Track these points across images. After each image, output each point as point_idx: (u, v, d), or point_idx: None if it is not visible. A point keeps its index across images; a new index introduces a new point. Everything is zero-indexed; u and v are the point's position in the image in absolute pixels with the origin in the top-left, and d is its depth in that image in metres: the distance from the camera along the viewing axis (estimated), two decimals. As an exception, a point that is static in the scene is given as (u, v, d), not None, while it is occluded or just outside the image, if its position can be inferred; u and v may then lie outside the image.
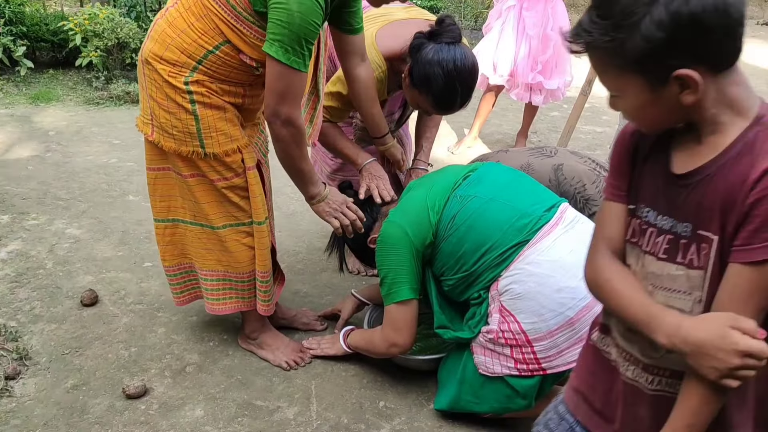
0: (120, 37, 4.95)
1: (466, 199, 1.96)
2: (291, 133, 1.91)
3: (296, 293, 2.78)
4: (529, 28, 3.90)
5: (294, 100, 1.85)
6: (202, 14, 1.84)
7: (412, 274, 1.98)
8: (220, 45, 1.86)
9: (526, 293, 1.84)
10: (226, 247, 2.14)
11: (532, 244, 1.87)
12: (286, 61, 1.77)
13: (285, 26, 1.73)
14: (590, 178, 2.29)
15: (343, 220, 2.14)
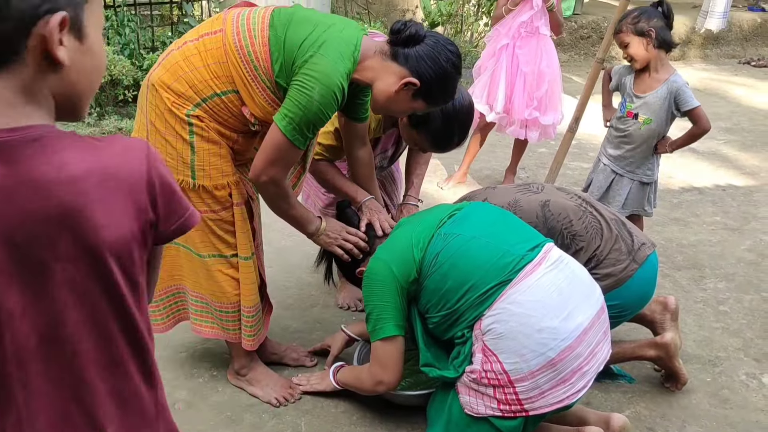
0: (113, 74, 5.00)
1: (449, 237, 1.98)
2: (275, 192, 1.99)
3: (286, 329, 2.78)
4: (523, 65, 3.99)
5: (283, 168, 1.94)
6: (222, 60, 1.90)
7: (397, 310, 1.99)
8: (228, 92, 1.91)
9: (508, 333, 1.85)
10: (212, 276, 2.15)
11: (515, 284, 1.88)
12: (290, 137, 1.85)
13: (301, 109, 1.81)
14: (576, 213, 2.32)
15: (345, 245, 2.19)
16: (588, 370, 1.89)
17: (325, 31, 1.86)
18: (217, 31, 1.93)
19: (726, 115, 6.54)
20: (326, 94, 1.82)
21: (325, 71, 1.81)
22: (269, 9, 1.97)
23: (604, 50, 4.17)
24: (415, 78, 1.90)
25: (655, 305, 2.52)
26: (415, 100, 1.97)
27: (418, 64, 1.89)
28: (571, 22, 8.40)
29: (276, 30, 1.88)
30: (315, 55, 1.82)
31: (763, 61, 9.15)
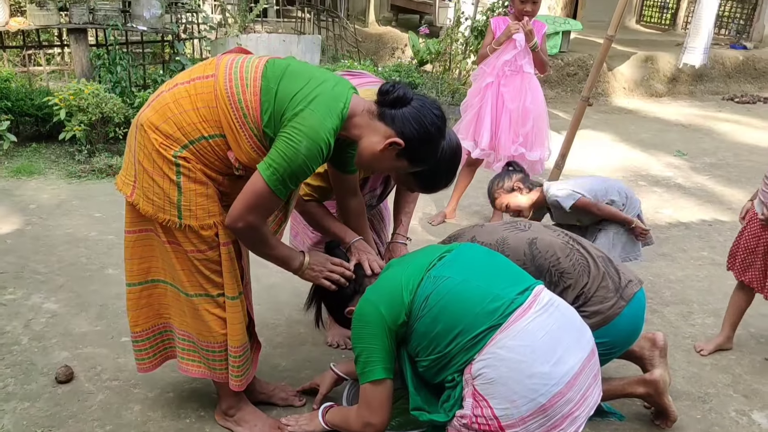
0: (104, 111, 5.03)
1: (439, 279, 1.98)
2: (253, 237, 2.01)
3: (275, 367, 2.76)
4: (508, 102, 4.05)
5: (261, 215, 1.96)
6: (211, 105, 1.93)
7: (386, 353, 1.98)
8: (215, 136, 1.94)
9: (498, 378, 1.84)
10: (198, 315, 2.15)
11: (505, 328, 1.88)
12: (272, 186, 1.88)
13: (287, 161, 1.85)
14: (564, 251, 2.34)
15: (331, 277, 2.19)
16: (579, 415, 1.88)
17: (317, 86, 1.91)
18: (209, 75, 1.96)
19: (711, 151, 6.64)
20: (312, 149, 1.85)
21: (313, 126, 1.85)
22: (263, 59, 2.00)
23: (589, 88, 4.26)
24: (400, 138, 1.95)
25: (643, 342, 2.53)
26: (399, 160, 2.01)
27: (404, 125, 1.95)
28: (557, 60, 8.55)
29: (269, 81, 1.92)
30: (305, 109, 1.86)
31: (746, 98, 9.32)
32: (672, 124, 7.75)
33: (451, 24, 7.54)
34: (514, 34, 3.89)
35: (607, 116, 7.95)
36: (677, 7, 12.21)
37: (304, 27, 9.04)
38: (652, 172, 5.82)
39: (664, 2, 12.93)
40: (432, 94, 7.03)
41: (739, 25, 11.12)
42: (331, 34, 9.10)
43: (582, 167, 5.75)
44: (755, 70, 10.08)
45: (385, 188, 2.78)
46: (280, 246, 2.13)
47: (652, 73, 9.30)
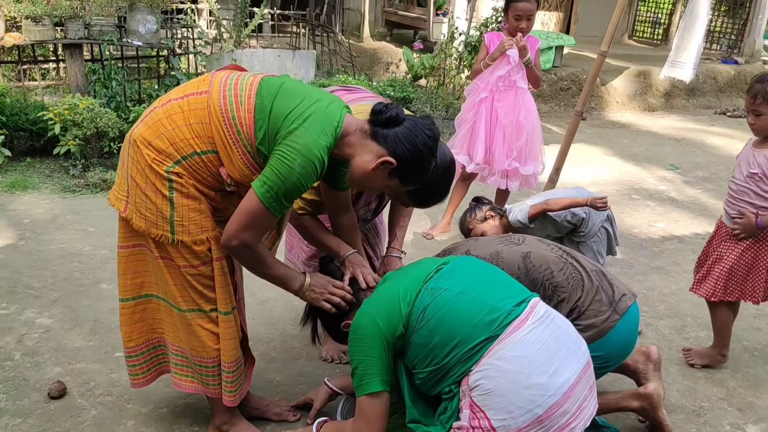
0: (99, 126, 5.04)
1: (436, 291, 1.99)
2: (248, 255, 2.02)
3: (269, 382, 2.75)
4: (502, 117, 4.08)
5: (256, 233, 1.96)
6: (204, 121, 1.94)
7: (383, 365, 1.98)
8: (208, 152, 1.95)
9: (496, 389, 1.85)
10: (191, 330, 2.14)
11: (502, 339, 1.89)
12: (266, 204, 1.89)
13: (281, 179, 1.86)
14: (558, 265, 2.35)
15: (332, 299, 2.19)
16: (575, 427, 1.88)
17: (311, 105, 1.92)
18: (203, 92, 1.97)
19: (704, 165, 6.68)
20: (307, 166, 1.87)
21: (307, 144, 1.86)
22: (258, 77, 2.02)
23: (582, 103, 4.29)
24: (391, 158, 1.97)
25: (637, 355, 2.53)
26: (390, 179, 2.03)
27: (396, 144, 1.97)
28: (551, 75, 8.61)
29: (263, 99, 1.93)
30: (299, 127, 1.88)
31: (738, 112, 9.39)
32: (665, 138, 7.80)
33: (445, 39, 7.59)
34: (507, 49, 3.92)
35: (601, 130, 8.00)
36: (669, 22, 12.32)
37: (299, 42, 9.09)
38: (645, 186, 5.85)
39: (656, 18, 13.05)
40: (426, 108, 7.07)
41: (730, 40, 11.22)
42: (325, 49, 9.15)
43: (576, 181, 5.77)
44: (746, 85, 10.11)
45: (380, 202, 2.79)
46: (279, 266, 2.13)
47: (645, 88, 9.37)
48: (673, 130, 8.24)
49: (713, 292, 2.90)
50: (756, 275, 2.84)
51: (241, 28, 7.98)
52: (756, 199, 2.76)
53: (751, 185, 2.77)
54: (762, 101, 2.72)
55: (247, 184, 1.96)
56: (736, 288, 2.88)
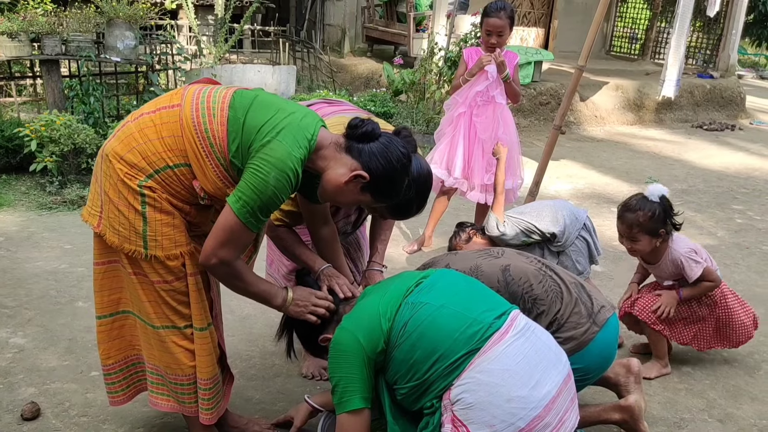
0: (77, 142, 4.99)
1: (417, 306, 1.98)
2: (227, 272, 1.99)
3: (248, 400, 2.71)
4: (480, 132, 4.09)
5: (234, 249, 1.94)
6: (177, 134, 1.92)
7: (363, 382, 1.96)
8: (180, 165, 1.93)
9: (477, 403, 1.83)
10: (166, 347, 2.11)
11: (483, 352, 1.88)
12: (243, 220, 1.87)
13: (256, 193, 1.85)
14: (537, 277, 2.35)
15: (317, 311, 2.17)
16: None
17: (284, 117, 1.91)
18: (174, 105, 1.96)
19: (682, 177, 6.76)
20: (281, 179, 1.85)
21: (281, 157, 1.85)
22: (231, 89, 2.01)
23: (561, 117, 4.33)
24: (365, 172, 1.96)
25: (618, 368, 2.53)
26: (363, 194, 2.02)
27: (370, 159, 1.97)
28: (530, 89, 8.68)
29: (236, 111, 1.92)
30: (273, 140, 1.86)
31: (714, 125, 9.53)
32: (643, 152, 7.88)
33: (424, 55, 7.64)
34: (485, 65, 3.94)
35: (580, 144, 8.07)
36: (645, 37, 12.51)
37: (280, 58, 9.09)
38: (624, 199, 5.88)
39: (632, 33, 13.24)
40: (407, 123, 7.09)
41: (705, 55, 11.41)
42: (306, 64, 9.17)
43: (555, 195, 5.81)
44: (722, 99, 10.33)
45: (359, 215, 2.78)
46: (259, 282, 2.11)
47: (623, 102, 9.48)
48: (651, 144, 8.34)
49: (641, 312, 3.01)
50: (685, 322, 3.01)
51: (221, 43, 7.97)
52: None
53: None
54: (638, 230, 2.88)
55: (221, 197, 1.94)
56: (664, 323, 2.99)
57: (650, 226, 2.85)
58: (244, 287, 2.06)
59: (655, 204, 2.86)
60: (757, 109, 11.19)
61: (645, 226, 2.86)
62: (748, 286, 4.11)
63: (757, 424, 2.73)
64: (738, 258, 4.59)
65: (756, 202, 6.06)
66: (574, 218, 3.26)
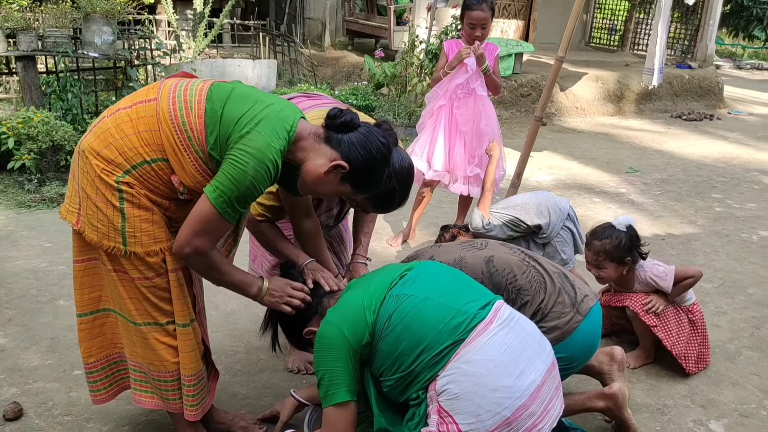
0: (55, 139, 4.93)
1: (401, 298, 1.98)
2: (202, 262, 1.97)
3: (234, 396, 2.71)
4: (462, 125, 4.09)
5: (209, 240, 1.92)
6: (153, 128, 1.90)
7: (349, 375, 1.96)
8: (158, 160, 1.91)
9: (463, 393, 1.84)
10: (148, 344, 2.09)
11: (468, 343, 1.89)
12: (220, 210, 1.86)
13: (234, 183, 1.83)
14: (520, 268, 2.36)
15: (292, 302, 2.16)
16: (542, 428, 1.89)
17: (263, 109, 1.90)
18: (151, 99, 1.94)
19: (662, 167, 6.82)
20: (260, 170, 1.84)
21: (260, 148, 1.83)
22: (208, 82, 1.99)
23: (542, 108, 4.35)
24: (344, 162, 1.95)
25: (602, 356, 2.56)
26: (342, 184, 2.00)
27: (350, 149, 1.96)
28: (510, 81, 8.71)
29: (214, 103, 1.90)
30: (251, 131, 1.85)
31: (693, 115, 9.62)
32: (624, 142, 7.94)
33: (405, 48, 7.63)
34: (465, 58, 3.94)
35: (561, 135, 8.12)
36: (625, 29, 12.59)
37: (260, 52, 9.04)
38: (606, 189, 5.94)
39: (612, 25, 13.33)
40: (389, 116, 7.08)
41: (684, 45, 11.51)
42: (287, 58, 9.12)
43: (537, 186, 5.84)
44: (700, 89, 10.43)
45: (341, 208, 2.77)
46: (235, 272, 2.10)
47: (603, 93, 9.54)
48: (631, 134, 8.40)
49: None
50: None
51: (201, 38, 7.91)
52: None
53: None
54: (604, 258, 2.96)
55: (201, 191, 1.92)
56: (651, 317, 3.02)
57: (616, 254, 2.94)
58: (219, 277, 2.04)
59: (621, 233, 2.96)
60: (735, 99, 11.32)
61: (611, 253, 2.95)
62: (728, 273, 4.16)
63: (738, 408, 2.77)
64: (717, 246, 4.65)
65: (735, 190, 6.13)
66: (558, 209, 3.28)
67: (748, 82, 14.08)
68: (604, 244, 2.95)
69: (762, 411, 2.76)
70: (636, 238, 2.99)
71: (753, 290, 3.94)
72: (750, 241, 4.80)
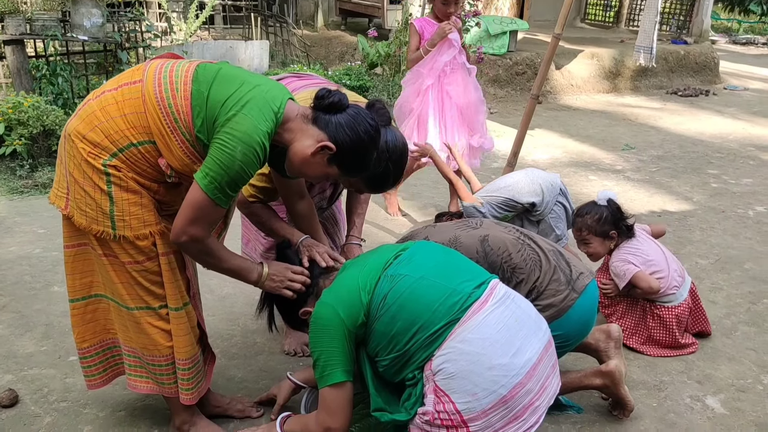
0: (46, 124, 4.89)
1: (396, 278, 1.97)
2: (199, 249, 1.95)
3: (230, 379, 2.70)
4: (456, 98, 4.12)
5: (204, 227, 1.90)
6: (139, 110, 1.87)
7: (345, 355, 1.96)
8: (144, 142, 1.88)
9: (459, 372, 1.83)
10: (142, 329, 2.08)
11: (463, 322, 1.88)
12: (211, 196, 1.83)
13: (223, 168, 1.80)
14: (515, 246, 2.35)
15: (293, 286, 2.14)
16: (539, 405, 1.89)
17: (249, 90, 1.86)
18: (136, 81, 1.90)
19: (658, 143, 6.80)
20: (248, 153, 1.81)
21: (247, 131, 1.80)
22: (194, 63, 1.95)
23: (538, 86, 4.31)
24: (332, 143, 1.91)
25: (598, 334, 2.55)
26: (329, 166, 1.97)
27: (337, 130, 1.92)
28: (506, 60, 8.65)
29: (200, 85, 1.87)
30: (238, 114, 1.81)
31: (689, 91, 9.58)
32: (619, 119, 7.91)
33: (399, 26, 7.55)
34: (449, 34, 3.95)
35: (557, 113, 8.08)
36: (620, 5, 12.49)
37: (252, 33, 8.95)
38: (601, 167, 5.92)
39: (607, 1, 13.23)
40: (383, 96, 7.03)
41: (679, 20, 11.43)
42: (279, 39, 9.03)
43: (533, 164, 5.82)
44: (696, 64, 10.38)
45: (335, 190, 2.75)
46: (233, 258, 2.07)
47: (599, 70, 9.49)
48: (626, 111, 8.37)
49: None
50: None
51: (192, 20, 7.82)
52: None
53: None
54: (588, 232, 3.04)
55: (189, 174, 1.90)
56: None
57: (599, 228, 3.02)
58: (218, 264, 2.03)
59: (603, 207, 3.04)
60: (731, 74, 11.27)
61: (594, 228, 3.02)
62: (724, 249, 4.16)
63: (735, 383, 2.77)
64: (714, 222, 4.64)
65: (731, 166, 6.12)
66: (550, 185, 3.27)
67: (743, 57, 14.02)
68: (586, 220, 3.03)
69: (758, 385, 2.76)
70: (618, 211, 3.04)
71: (749, 265, 3.93)
72: (746, 216, 4.79)
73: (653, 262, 2.97)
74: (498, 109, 8.03)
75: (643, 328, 3.00)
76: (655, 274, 2.93)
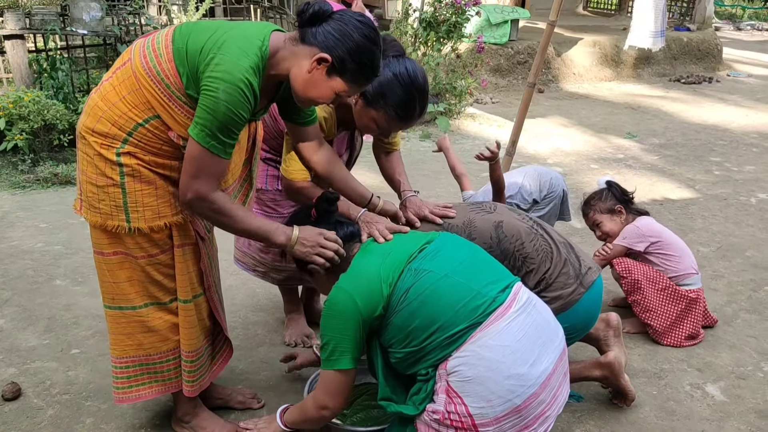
0: (47, 118, 4.89)
1: (420, 273, 1.93)
2: (207, 207, 1.89)
3: (232, 371, 2.71)
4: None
5: (207, 180, 1.84)
6: (135, 88, 1.86)
7: (355, 343, 1.93)
8: (150, 119, 1.87)
9: (476, 377, 1.82)
10: (149, 327, 2.08)
11: (485, 327, 1.85)
12: (205, 145, 1.79)
13: (210, 112, 1.76)
14: (529, 236, 2.32)
15: (325, 254, 2.05)
16: (550, 415, 1.88)
17: (225, 33, 1.82)
18: (126, 61, 1.91)
19: (660, 131, 6.77)
20: (232, 92, 1.76)
21: (227, 69, 1.76)
22: (173, 27, 1.94)
23: (534, 74, 4.29)
24: (325, 53, 1.81)
25: (598, 323, 2.55)
26: (331, 78, 1.87)
27: (326, 39, 1.82)
28: (507, 49, 8.61)
29: (177, 43, 1.84)
30: (215, 56, 1.77)
31: (692, 78, 9.53)
32: (622, 107, 7.88)
33: (399, 17, 7.52)
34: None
35: (559, 102, 8.05)
36: (622, -8, 12.42)
37: (253, 25, 8.93)
38: (603, 155, 5.91)
39: (609, -12, 13.15)
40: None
41: (682, 7, 11.35)
42: (280, 31, 8.99)
43: (535, 153, 5.80)
44: (699, 51, 10.32)
45: (350, 154, 2.69)
46: (251, 218, 1.99)
47: (601, 58, 9.44)
48: (629, 99, 8.33)
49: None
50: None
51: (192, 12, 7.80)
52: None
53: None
54: (594, 212, 3.20)
55: None
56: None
57: (602, 205, 3.19)
58: (233, 224, 1.95)
59: (602, 188, 3.25)
60: (734, 61, 11.20)
61: (598, 206, 3.19)
62: (726, 237, 4.15)
63: (735, 371, 2.77)
64: (716, 209, 4.63)
65: (733, 153, 6.10)
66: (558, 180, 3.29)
67: (747, 43, 13.93)
68: (590, 203, 3.23)
69: (758, 373, 2.76)
70: (616, 187, 3.22)
71: (751, 253, 3.93)
72: (748, 204, 4.78)
73: (669, 241, 3.08)
74: (499, 99, 8.00)
75: (672, 311, 2.96)
76: (669, 250, 3.04)
